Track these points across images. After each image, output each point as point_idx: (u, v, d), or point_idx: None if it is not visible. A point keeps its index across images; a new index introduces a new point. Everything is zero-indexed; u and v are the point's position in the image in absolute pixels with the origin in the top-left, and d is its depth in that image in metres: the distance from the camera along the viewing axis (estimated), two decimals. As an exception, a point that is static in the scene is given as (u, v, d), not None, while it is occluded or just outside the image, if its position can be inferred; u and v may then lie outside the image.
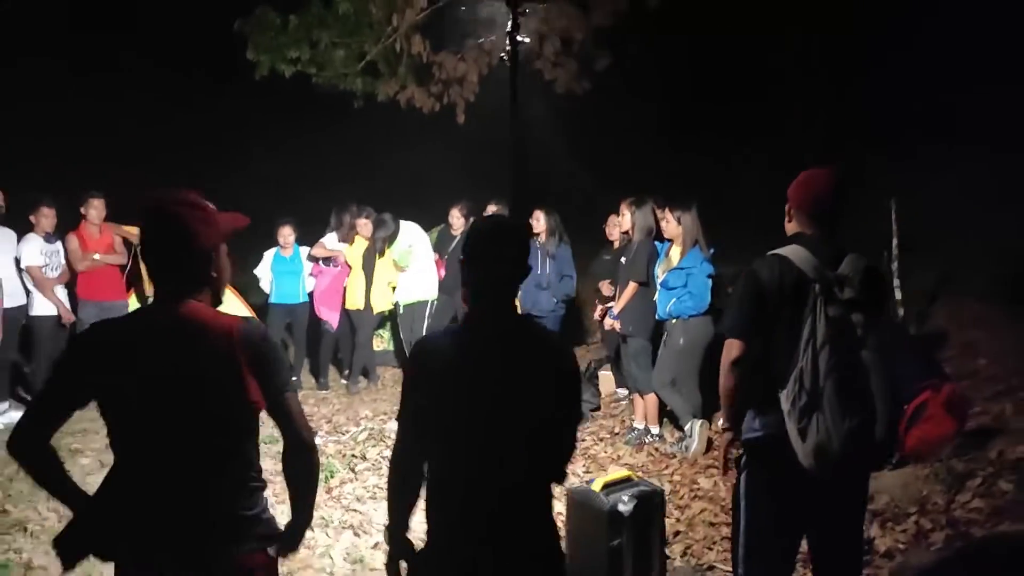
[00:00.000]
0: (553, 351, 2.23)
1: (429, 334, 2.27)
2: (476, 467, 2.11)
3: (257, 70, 8.23)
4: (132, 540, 1.97)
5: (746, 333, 2.76)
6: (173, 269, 2.01)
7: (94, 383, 1.95)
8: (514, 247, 2.20)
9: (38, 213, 6.21)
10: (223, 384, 1.95)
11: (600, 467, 5.42)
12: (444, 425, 2.13)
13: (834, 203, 2.82)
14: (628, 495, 3.51)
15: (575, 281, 6.71)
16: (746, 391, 2.79)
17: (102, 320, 2.06)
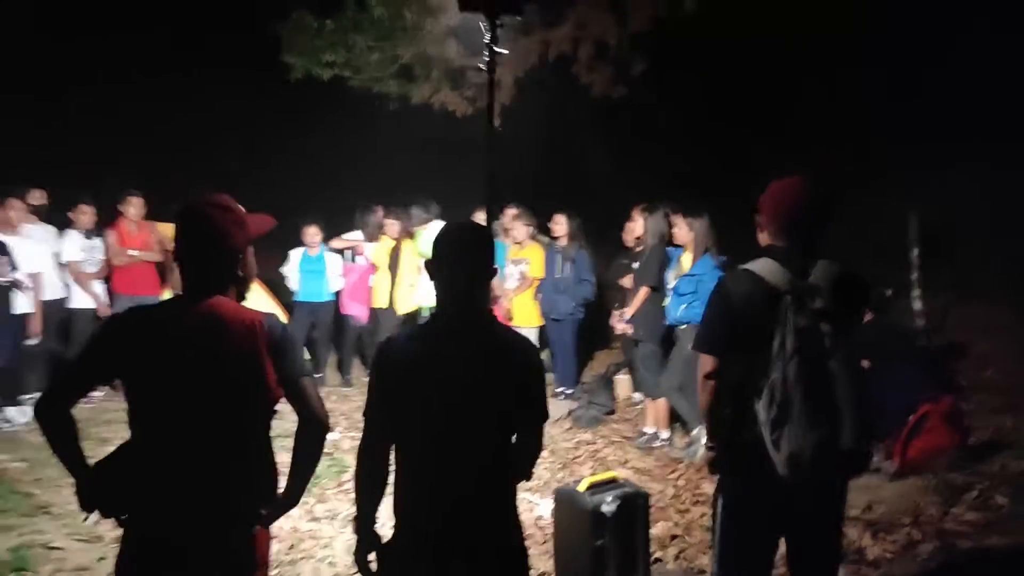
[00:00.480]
0: (515, 352, 2.30)
1: (394, 334, 2.36)
2: (437, 462, 2.21)
3: (292, 73, 8.45)
4: (146, 514, 2.11)
5: (714, 348, 2.81)
6: (203, 266, 2.16)
7: (121, 360, 2.11)
8: (478, 251, 2.29)
9: (77, 210, 6.53)
10: (244, 370, 2.09)
11: (607, 470, 5.46)
12: (407, 421, 2.23)
13: (805, 213, 2.83)
14: (612, 496, 3.57)
15: (594, 285, 6.78)
16: (723, 404, 2.84)
17: (137, 305, 2.24)
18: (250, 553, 2.18)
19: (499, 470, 2.28)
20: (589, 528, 3.52)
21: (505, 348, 2.28)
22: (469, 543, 2.20)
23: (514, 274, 6.93)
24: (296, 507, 2.36)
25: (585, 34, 9.48)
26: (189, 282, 2.19)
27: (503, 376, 2.24)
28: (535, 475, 5.11)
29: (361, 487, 2.32)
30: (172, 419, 2.10)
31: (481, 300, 2.32)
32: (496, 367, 2.24)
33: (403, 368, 2.24)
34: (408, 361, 2.24)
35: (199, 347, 2.09)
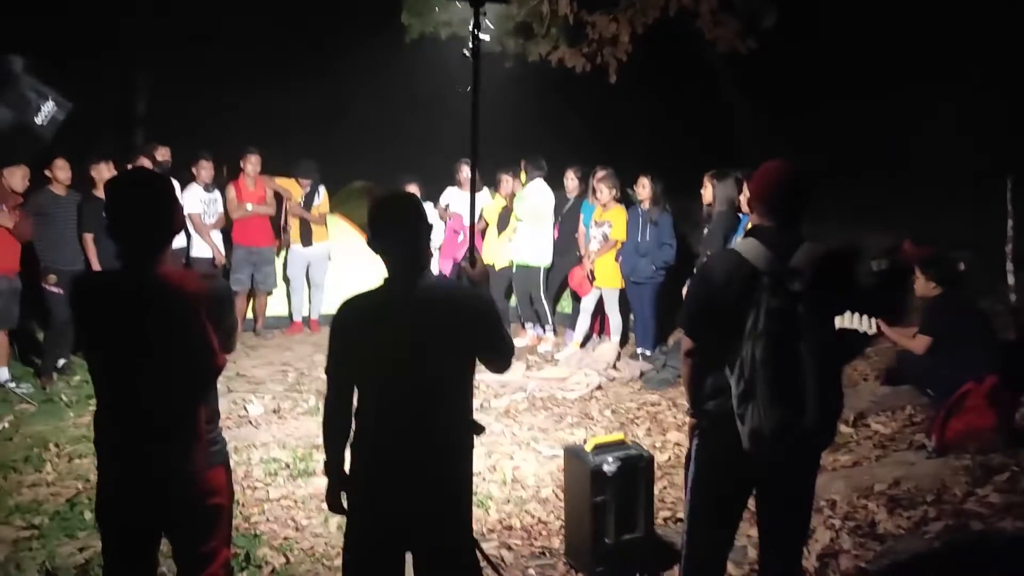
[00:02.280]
0: (457, 301, 2.56)
1: (350, 296, 2.64)
2: (389, 406, 2.50)
3: (408, 33, 8.78)
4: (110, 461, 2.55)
5: (693, 326, 2.94)
6: (140, 236, 2.44)
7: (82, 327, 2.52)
8: (412, 220, 2.53)
9: (198, 165, 7.25)
10: (191, 332, 2.38)
11: (662, 431, 5.59)
12: (364, 372, 2.53)
13: (789, 195, 2.86)
14: (613, 456, 3.73)
15: (675, 249, 6.78)
16: (702, 378, 2.96)
17: (90, 273, 2.64)
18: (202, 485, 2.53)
19: (451, 410, 2.55)
20: (589, 484, 3.71)
21: (448, 299, 2.54)
22: (415, 470, 2.48)
23: (597, 236, 7.04)
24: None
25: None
26: (129, 251, 2.44)
27: (447, 322, 2.48)
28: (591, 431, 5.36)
29: (328, 435, 2.63)
30: (121, 380, 2.44)
31: (424, 261, 2.55)
32: (440, 315, 2.48)
33: (357, 327, 2.52)
34: (361, 320, 2.52)
35: (144, 313, 2.38)
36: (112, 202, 2.47)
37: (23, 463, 4.90)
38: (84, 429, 5.48)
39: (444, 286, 2.58)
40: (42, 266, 6.41)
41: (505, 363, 2.68)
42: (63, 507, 4.34)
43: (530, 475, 4.87)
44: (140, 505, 2.49)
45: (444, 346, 2.48)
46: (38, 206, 6.33)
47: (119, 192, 2.49)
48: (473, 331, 2.53)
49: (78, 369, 6.75)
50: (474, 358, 2.59)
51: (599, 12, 9.32)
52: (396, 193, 2.76)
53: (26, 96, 5.64)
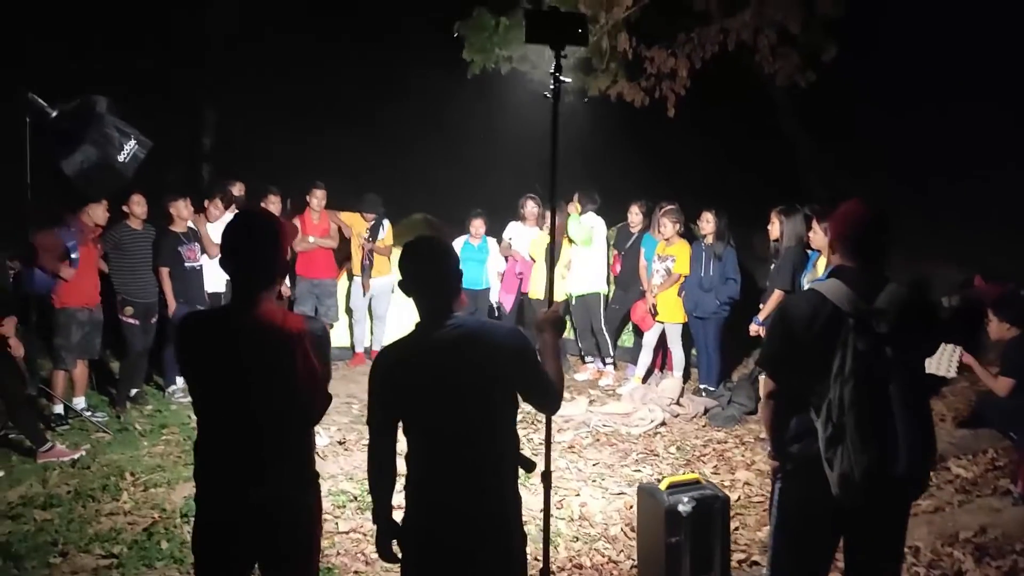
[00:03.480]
0: (492, 340, 2.52)
1: (386, 344, 2.67)
2: (436, 449, 2.52)
3: (470, 69, 8.92)
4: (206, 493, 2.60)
5: (775, 367, 2.91)
6: (249, 272, 2.54)
7: (186, 364, 2.59)
8: (439, 264, 2.55)
9: (266, 200, 7.44)
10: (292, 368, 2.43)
11: (731, 470, 5.50)
12: (406, 419, 2.55)
13: (872, 235, 2.83)
14: (689, 496, 3.68)
15: (739, 284, 6.71)
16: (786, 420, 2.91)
17: (193, 312, 2.74)
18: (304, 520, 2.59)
19: (493, 449, 2.54)
20: (664, 525, 3.66)
21: (479, 340, 2.51)
22: (462, 512, 2.49)
23: (660, 270, 7.01)
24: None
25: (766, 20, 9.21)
26: (238, 286, 2.57)
27: (479, 363, 2.47)
28: (658, 470, 5.31)
29: (372, 483, 2.65)
30: (226, 411, 2.50)
31: (453, 303, 2.56)
32: (471, 357, 2.47)
33: (392, 374, 2.54)
34: (396, 367, 2.55)
35: (254, 348, 2.45)
36: (227, 239, 2.57)
37: (101, 491, 5.02)
38: (158, 459, 5.61)
39: (475, 327, 2.56)
40: (119, 298, 6.61)
41: (551, 401, 2.64)
42: (141, 536, 4.43)
43: (597, 512, 4.83)
44: (240, 537, 2.54)
45: (479, 387, 2.48)
46: (116, 240, 6.55)
47: (235, 231, 2.58)
48: (507, 370, 2.51)
49: (151, 399, 6.93)
50: (513, 397, 2.57)
51: (657, 47, 9.38)
52: (422, 237, 2.79)
53: (110, 135, 5.89)
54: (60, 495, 4.95)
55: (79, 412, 6.33)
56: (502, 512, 2.58)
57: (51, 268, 6.04)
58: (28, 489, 5.06)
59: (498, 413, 2.54)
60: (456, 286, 2.62)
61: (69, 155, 5.78)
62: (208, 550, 2.61)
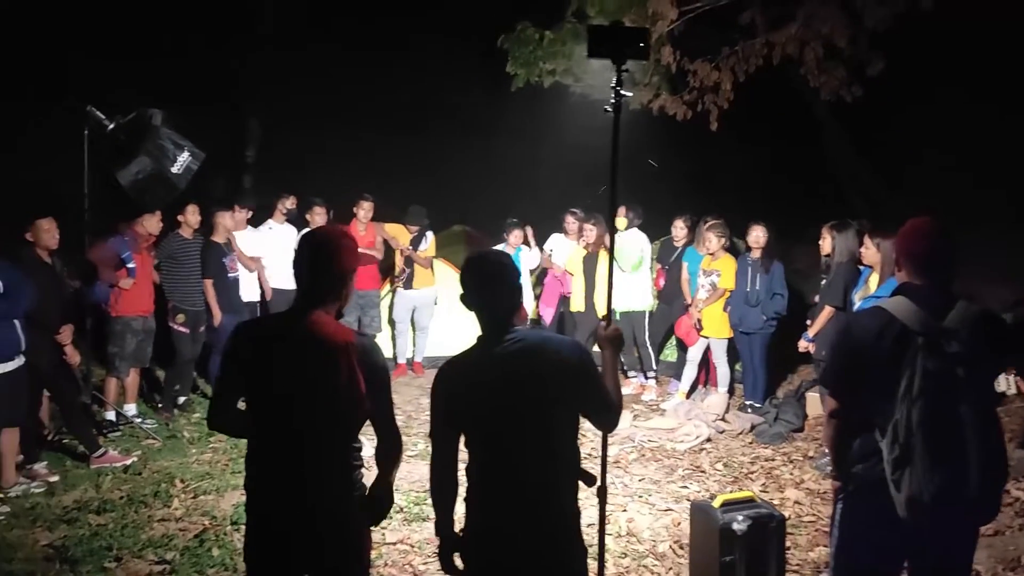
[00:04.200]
0: (551, 354, 2.49)
1: (448, 360, 2.68)
2: (498, 463, 2.51)
3: (514, 82, 8.96)
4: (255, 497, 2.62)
5: (838, 386, 2.86)
6: (313, 284, 2.59)
7: (242, 373, 2.60)
8: (501, 278, 2.55)
9: (312, 212, 7.53)
10: (339, 380, 2.45)
11: (779, 488, 5.42)
12: (468, 432, 2.55)
13: (940, 252, 2.78)
14: (744, 515, 3.64)
15: (786, 299, 6.64)
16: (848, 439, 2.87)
17: (247, 320, 2.76)
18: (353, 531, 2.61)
19: (554, 464, 2.51)
20: (718, 544, 3.62)
21: (540, 354, 2.49)
22: (523, 527, 2.47)
23: (705, 285, 6.96)
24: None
25: (812, 34, 9.14)
26: (299, 297, 2.61)
27: (540, 378, 2.46)
28: (705, 486, 5.26)
29: (436, 497, 2.64)
30: (275, 420, 2.53)
31: (514, 317, 2.55)
32: (532, 371, 2.46)
33: (454, 388, 2.55)
34: (457, 381, 2.55)
35: (300, 358, 2.48)
36: (298, 252, 2.64)
37: (152, 498, 5.09)
38: (207, 466, 5.68)
39: (537, 340, 2.55)
40: (171, 306, 6.72)
41: (611, 417, 2.62)
42: (192, 543, 4.48)
43: (645, 528, 4.78)
44: (289, 547, 2.55)
45: (540, 401, 2.47)
46: (170, 250, 6.67)
47: (302, 245, 2.66)
48: (569, 384, 2.49)
49: (198, 407, 7.02)
50: (574, 411, 2.56)
51: (701, 60, 9.35)
52: (483, 252, 2.80)
53: (164, 147, 6.01)
54: (114, 500, 5.03)
55: (130, 419, 6.43)
56: (563, 527, 2.56)
57: (108, 279, 6.17)
58: (83, 494, 5.15)
59: (559, 427, 2.53)
60: (517, 300, 2.61)
61: (125, 166, 5.91)
62: (258, 559, 2.63)
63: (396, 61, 13.81)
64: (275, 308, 7.54)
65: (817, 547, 4.50)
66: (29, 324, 5.05)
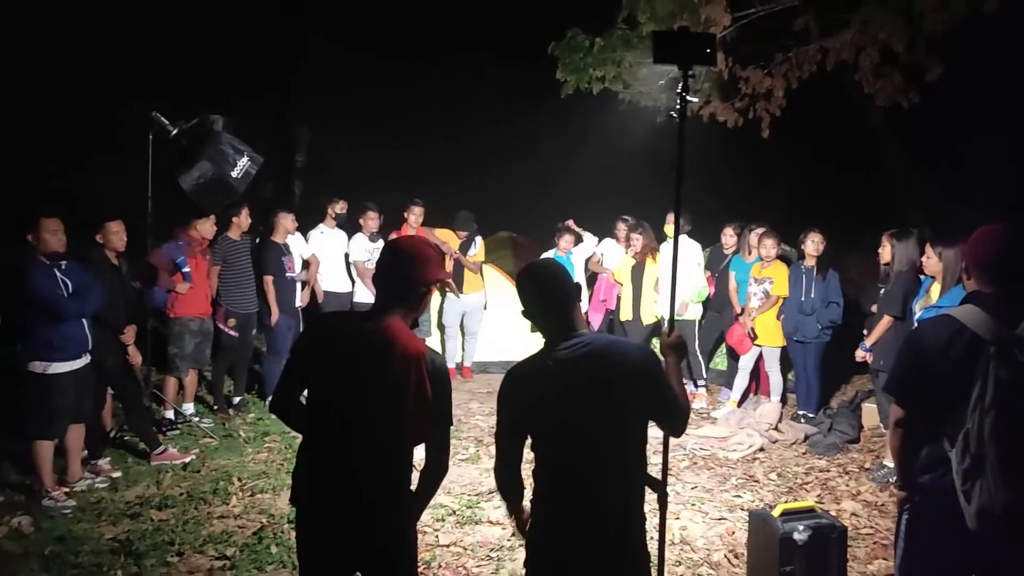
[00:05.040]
0: (617, 360, 2.48)
1: (514, 365, 2.67)
2: (561, 472, 2.52)
3: (563, 89, 8.97)
4: (312, 496, 2.64)
5: (905, 395, 2.82)
6: (391, 290, 2.64)
7: (309, 365, 2.64)
8: (553, 283, 2.57)
9: (365, 216, 7.63)
10: (406, 383, 2.49)
11: (835, 499, 5.34)
12: (532, 439, 2.58)
13: (1013, 259, 2.73)
14: (804, 525, 3.60)
15: (842, 308, 6.54)
16: (915, 449, 2.83)
17: (327, 314, 2.82)
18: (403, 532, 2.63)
19: (619, 470, 2.51)
20: (778, 554, 3.59)
21: (604, 360, 2.48)
22: (588, 533, 2.47)
23: (758, 293, 6.90)
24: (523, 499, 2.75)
25: (869, 40, 9.00)
26: (377, 300, 2.66)
27: (605, 384, 2.45)
28: (759, 496, 5.21)
29: (505, 495, 2.70)
30: (336, 418, 2.55)
31: (575, 324, 2.56)
32: (605, 375, 2.46)
33: (518, 396, 2.57)
34: (521, 389, 2.57)
35: (371, 361, 2.51)
36: (381, 258, 2.72)
37: (211, 495, 5.20)
38: (263, 465, 5.78)
39: (604, 344, 2.54)
40: (224, 308, 6.85)
41: (678, 422, 2.60)
42: (251, 540, 4.57)
43: (698, 537, 4.75)
44: (339, 545, 2.59)
45: (607, 405, 2.46)
46: (223, 253, 6.79)
47: (388, 252, 2.73)
48: (637, 388, 2.48)
49: (252, 407, 7.14)
50: (642, 416, 2.54)
51: (753, 66, 9.27)
52: (534, 262, 2.81)
53: (225, 151, 6.14)
54: (174, 496, 5.15)
55: (188, 418, 6.57)
56: (628, 534, 2.56)
57: (165, 284, 6.31)
58: (144, 490, 5.28)
59: (627, 432, 2.53)
60: (575, 303, 2.63)
61: (187, 171, 6.05)
62: (309, 556, 2.67)
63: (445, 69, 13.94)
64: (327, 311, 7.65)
65: (876, 560, 4.43)
66: (96, 324, 5.20)
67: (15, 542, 4.48)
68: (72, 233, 5.04)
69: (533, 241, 10.70)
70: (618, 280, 7.86)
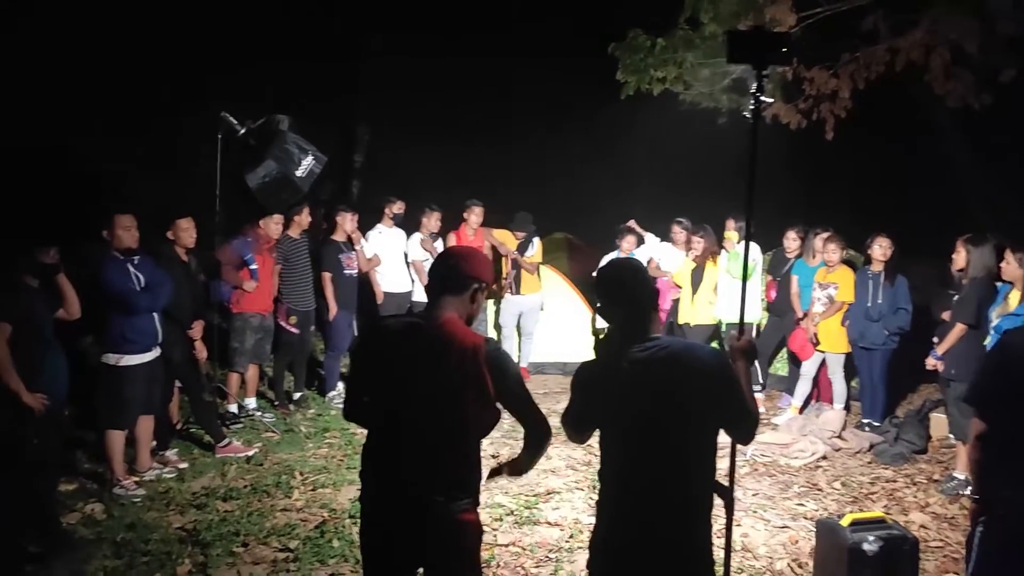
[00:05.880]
0: (689, 363, 2.47)
1: (583, 364, 2.64)
2: (627, 472, 2.51)
3: (623, 90, 8.91)
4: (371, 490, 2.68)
5: (988, 407, 2.74)
6: (444, 290, 2.66)
7: (368, 367, 2.68)
8: (632, 284, 2.56)
9: (428, 215, 7.68)
10: (464, 378, 2.50)
11: (903, 511, 5.20)
12: (601, 435, 2.60)
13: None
14: (875, 536, 3.51)
15: (910, 315, 6.37)
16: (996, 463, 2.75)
17: (381, 318, 2.85)
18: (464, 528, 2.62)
19: (689, 474, 2.48)
20: (847, 565, 3.51)
21: (677, 363, 2.46)
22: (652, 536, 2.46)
23: (821, 298, 6.75)
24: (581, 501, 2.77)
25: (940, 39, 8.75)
26: (430, 300, 2.69)
27: (686, 385, 2.43)
28: (823, 505, 5.11)
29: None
30: (397, 416, 2.57)
31: (650, 326, 2.55)
32: (678, 378, 2.44)
33: (590, 390, 2.59)
34: (593, 384, 2.58)
35: (429, 356, 2.53)
36: (436, 260, 2.76)
37: (274, 488, 5.29)
38: (323, 460, 5.86)
39: (679, 348, 2.52)
40: (285, 306, 6.96)
41: (749, 427, 2.55)
42: (313, 533, 4.64)
43: (760, 545, 4.67)
44: (402, 542, 2.60)
45: (677, 412, 2.44)
46: (285, 252, 6.90)
47: (438, 257, 2.79)
48: (711, 393, 2.45)
49: (312, 403, 7.25)
50: (715, 421, 2.51)
51: (818, 67, 9.09)
52: (615, 260, 2.79)
53: (290, 151, 6.23)
54: (238, 488, 5.26)
55: (251, 412, 6.70)
56: (694, 541, 2.52)
57: (232, 280, 6.44)
58: (210, 481, 5.40)
59: (700, 437, 2.50)
60: (653, 306, 2.62)
61: (253, 170, 6.16)
62: (372, 552, 2.70)
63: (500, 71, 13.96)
64: (386, 311, 7.72)
65: (946, 574, 4.31)
66: (165, 318, 5.34)
67: (89, 528, 4.63)
68: (144, 229, 5.17)
69: (591, 244, 10.66)
70: (677, 283, 7.78)
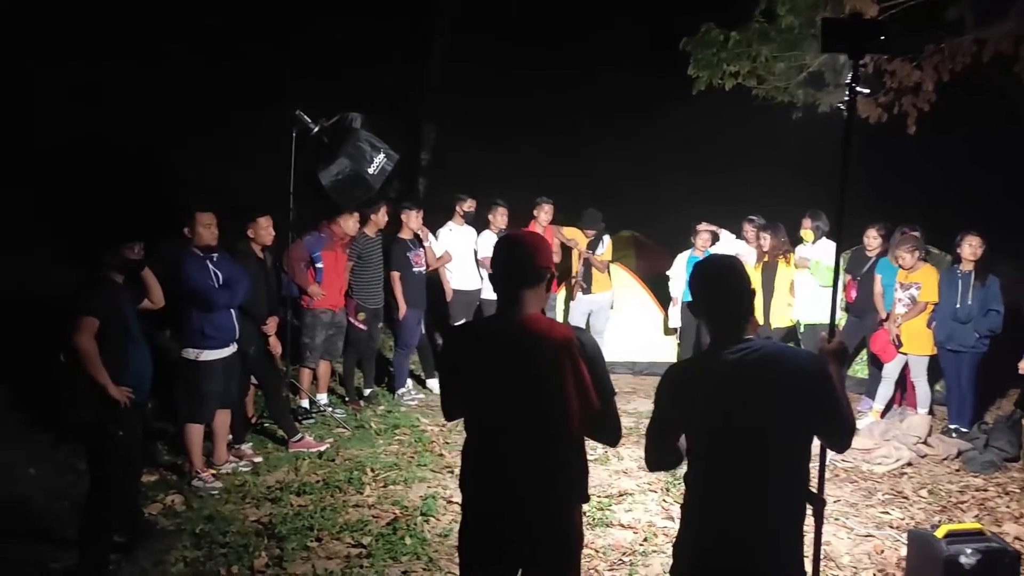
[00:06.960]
0: (785, 367, 2.37)
1: (673, 365, 2.57)
2: (716, 476, 2.41)
3: (695, 85, 8.73)
4: (479, 495, 2.63)
5: None
6: (513, 286, 2.58)
7: (458, 374, 2.64)
8: (729, 282, 2.47)
9: (494, 212, 7.65)
10: (560, 374, 2.45)
11: (995, 522, 4.96)
12: (689, 437, 2.50)
13: None
14: (973, 548, 3.33)
15: (1002, 316, 6.08)
16: None
17: (463, 323, 2.79)
18: (570, 528, 2.58)
19: (782, 480, 2.38)
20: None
21: (771, 366, 2.36)
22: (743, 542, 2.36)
23: (904, 298, 6.49)
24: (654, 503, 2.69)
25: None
26: (502, 297, 2.59)
27: (782, 389, 2.33)
28: (909, 513, 4.91)
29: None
30: (498, 419, 2.53)
31: (744, 327, 2.45)
32: (773, 381, 2.34)
33: (678, 392, 2.49)
34: (683, 386, 2.49)
35: (519, 356, 2.47)
36: (496, 254, 2.67)
37: (346, 484, 5.32)
38: (393, 457, 5.88)
39: (775, 351, 2.42)
40: (355, 303, 7.01)
41: (846, 434, 2.43)
42: (385, 530, 4.64)
43: (843, 554, 4.50)
44: (504, 541, 2.56)
45: (771, 416, 2.33)
46: (360, 250, 6.95)
47: (502, 247, 2.68)
48: (808, 398, 2.34)
49: (382, 400, 7.30)
50: (810, 427, 2.40)
51: (901, 59, 8.77)
52: (713, 256, 2.69)
53: (363, 148, 6.28)
54: (312, 483, 5.30)
55: (322, 408, 6.77)
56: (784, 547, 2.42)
57: (300, 282, 6.49)
58: (284, 475, 5.47)
59: (795, 443, 2.39)
60: (748, 307, 2.52)
61: (326, 167, 6.22)
62: (474, 554, 2.65)
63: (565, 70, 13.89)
64: (455, 309, 7.72)
65: (1046, 590, 4.08)
66: (241, 314, 5.42)
67: (169, 519, 4.73)
68: (223, 226, 5.26)
69: (656, 242, 10.51)
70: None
